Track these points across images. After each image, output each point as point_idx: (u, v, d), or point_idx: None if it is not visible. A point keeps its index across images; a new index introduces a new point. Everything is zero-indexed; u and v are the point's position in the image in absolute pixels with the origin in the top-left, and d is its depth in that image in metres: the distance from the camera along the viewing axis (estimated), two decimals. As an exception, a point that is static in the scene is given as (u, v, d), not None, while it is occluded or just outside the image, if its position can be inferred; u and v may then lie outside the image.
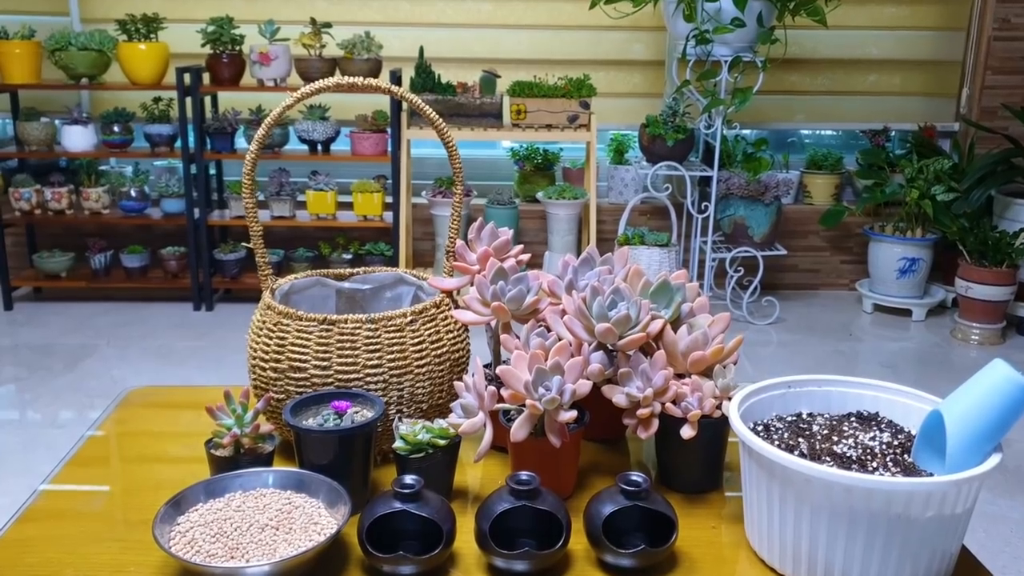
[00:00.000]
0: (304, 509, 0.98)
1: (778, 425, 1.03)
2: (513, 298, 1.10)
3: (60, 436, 2.56)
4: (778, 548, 0.94)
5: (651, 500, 0.95)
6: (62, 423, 2.68)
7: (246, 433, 1.03)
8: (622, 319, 1.06)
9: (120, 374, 3.07)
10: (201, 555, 0.89)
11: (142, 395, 1.40)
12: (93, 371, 3.10)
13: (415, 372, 1.12)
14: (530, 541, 0.98)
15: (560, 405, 1.00)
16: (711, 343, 1.10)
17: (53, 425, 2.68)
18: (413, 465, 1.04)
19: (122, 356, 3.25)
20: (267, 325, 1.14)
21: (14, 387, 2.98)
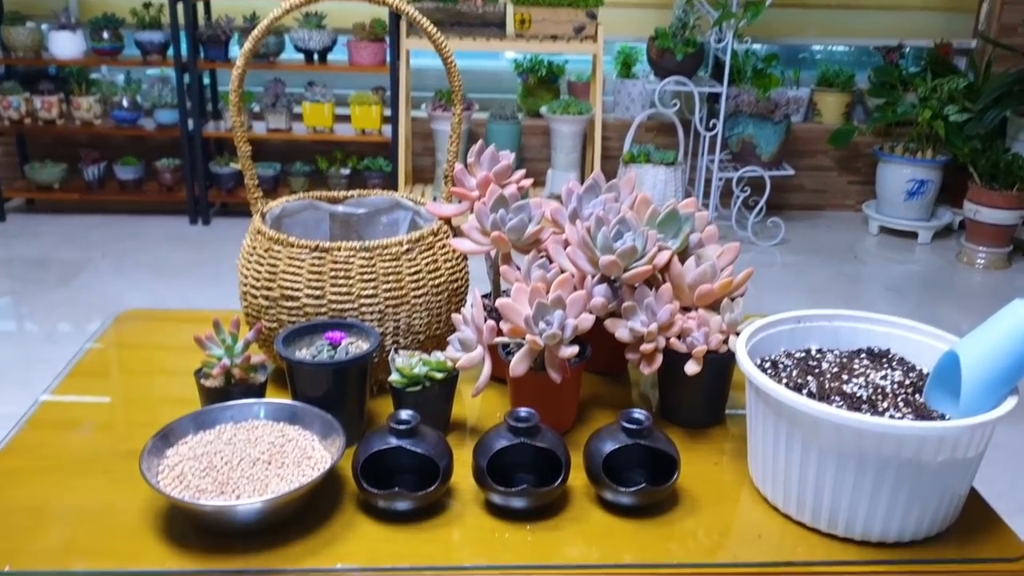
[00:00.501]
0: (297, 442, 0.95)
1: (786, 362, 1.00)
2: (514, 228, 1.05)
3: (55, 352, 2.54)
4: (782, 488, 0.92)
5: (653, 438, 0.92)
6: (57, 338, 2.66)
7: (236, 364, 1.00)
8: (627, 251, 1.01)
9: (115, 289, 3.04)
10: (191, 490, 0.87)
11: (133, 317, 1.37)
12: (88, 285, 3.07)
13: (412, 302, 1.09)
14: (528, 477, 0.95)
15: (561, 340, 0.97)
16: (719, 276, 1.06)
17: (48, 340, 2.66)
18: (410, 398, 1.01)
19: (117, 270, 3.21)
20: (257, 251, 1.10)
21: (9, 300, 2.95)
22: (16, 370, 2.46)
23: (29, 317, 2.84)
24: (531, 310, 0.97)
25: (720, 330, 1.04)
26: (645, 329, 1.01)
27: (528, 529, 0.89)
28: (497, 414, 1.10)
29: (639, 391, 1.18)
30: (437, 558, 0.85)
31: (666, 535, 0.89)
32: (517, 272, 1.04)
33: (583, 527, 0.90)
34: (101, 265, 3.26)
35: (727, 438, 1.07)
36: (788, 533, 0.91)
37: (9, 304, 2.93)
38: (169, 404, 1.10)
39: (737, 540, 0.89)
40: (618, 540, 0.88)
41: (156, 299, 2.97)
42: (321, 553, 0.85)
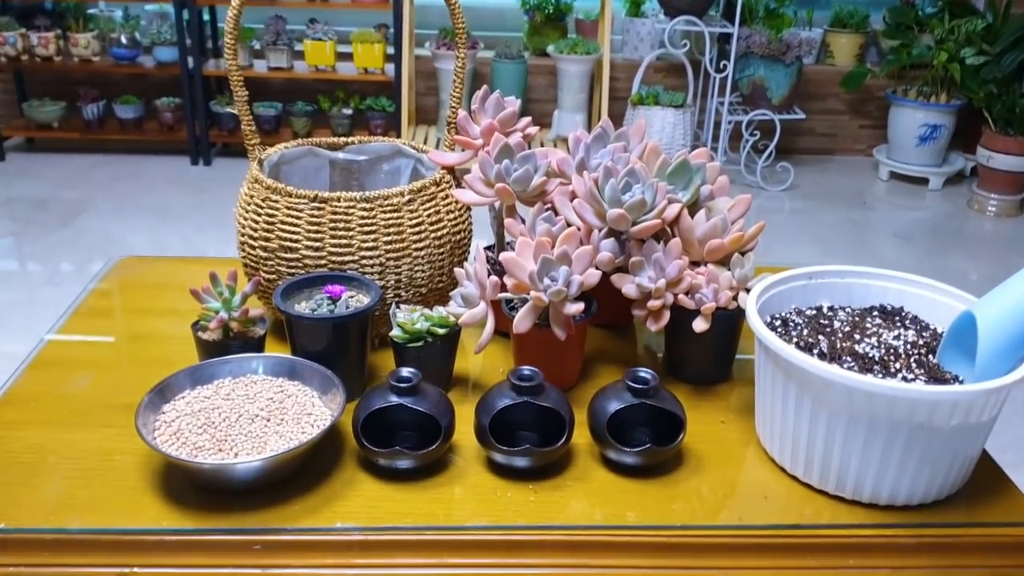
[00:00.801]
0: (297, 398, 0.93)
1: (797, 320, 0.97)
2: (518, 179, 1.02)
3: (57, 294, 2.53)
4: (790, 449, 0.90)
5: (659, 398, 0.90)
6: (59, 281, 2.64)
7: (234, 317, 0.98)
8: (636, 204, 0.98)
9: (117, 231, 3.02)
10: (188, 447, 0.85)
11: (131, 264, 1.34)
12: (89, 227, 3.04)
13: (413, 255, 1.06)
14: (532, 435, 0.94)
15: (566, 297, 0.94)
16: (730, 230, 1.03)
17: (50, 283, 2.65)
18: (411, 354, 0.99)
19: (118, 212, 3.18)
20: (255, 200, 1.07)
21: (10, 242, 2.93)
22: (18, 312, 2.45)
23: (30, 259, 2.83)
24: (536, 266, 0.94)
25: (730, 286, 1.01)
26: (653, 285, 0.99)
27: (531, 488, 0.88)
28: (500, 369, 1.08)
29: (645, 346, 1.16)
30: (438, 517, 0.84)
31: (670, 495, 0.88)
32: (521, 225, 1.01)
33: (586, 486, 0.89)
34: (102, 206, 3.23)
35: (734, 395, 1.05)
36: (795, 495, 0.89)
37: (10, 245, 2.91)
38: (167, 355, 1.08)
39: (743, 501, 0.88)
40: (622, 500, 0.87)
41: (158, 241, 2.94)
42: (320, 512, 0.84)
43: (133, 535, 0.81)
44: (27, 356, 1.08)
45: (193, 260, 1.40)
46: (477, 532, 0.83)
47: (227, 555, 0.82)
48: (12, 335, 2.32)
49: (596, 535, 0.83)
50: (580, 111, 3.74)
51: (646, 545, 0.83)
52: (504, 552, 0.83)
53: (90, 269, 2.73)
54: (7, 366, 1.04)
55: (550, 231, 0.98)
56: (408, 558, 0.82)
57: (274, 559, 0.82)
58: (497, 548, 0.83)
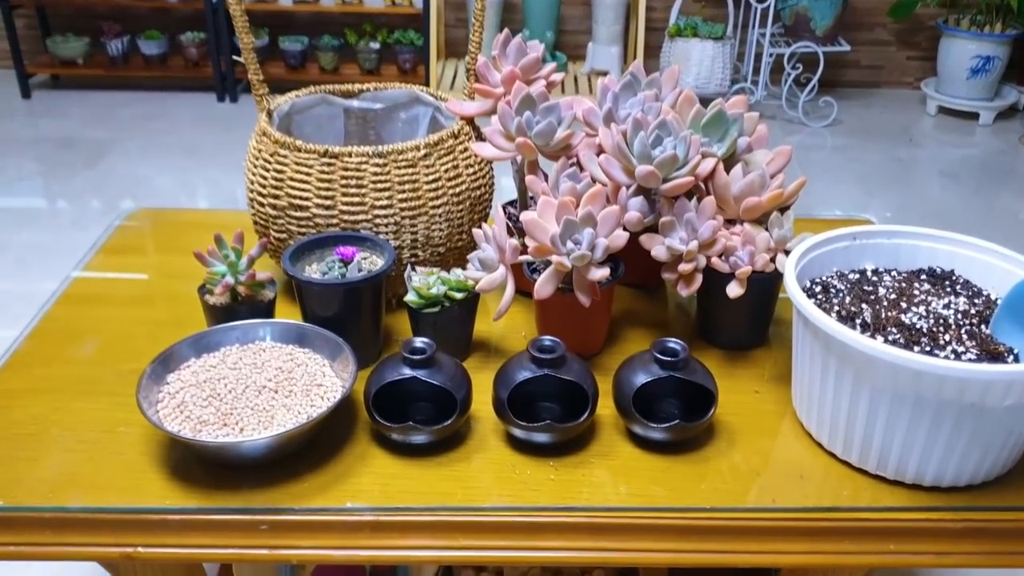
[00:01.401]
0: (307, 367, 0.89)
1: (839, 285, 0.90)
2: (541, 133, 0.95)
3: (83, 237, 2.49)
4: (828, 424, 0.84)
5: (688, 370, 0.85)
6: (85, 224, 2.62)
7: (241, 281, 0.93)
8: (667, 160, 0.91)
9: (143, 172, 2.98)
10: (192, 422, 0.81)
11: (142, 217, 1.30)
12: (115, 168, 3.01)
13: (430, 213, 1.00)
14: (553, 407, 0.89)
15: (591, 262, 0.88)
16: (769, 186, 0.96)
17: (75, 226, 2.62)
18: (427, 320, 0.94)
19: (145, 152, 3.14)
20: (263, 155, 1.01)
21: (36, 183, 2.91)
22: (43, 256, 2.43)
23: (56, 201, 2.80)
24: (558, 228, 0.88)
25: (767, 248, 0.94)
26: (684, 247, 0.92)
27: (551, 465, 0.83)
28: (523, 333, 1.03)
29: (675, 308, 1.10)
30: (454, 496, 0.80)
31: (700, 474, 0.83)
32: (544, 183, 0.95)
33: (610, 463, 0.84)
34: (128, 146, 3.19)
35: (769, 363, 0.99)
36: (832, 473, 0.84)
37: (37, 187, 2.89)
38: (177, 318, 1.04)
39: (777, 480, 0.83)
40: (648, 478, 0.82)
41: (185, 183, 2.90)
42: (331, 490, 0.80)
43: (136, 514, 0.78)
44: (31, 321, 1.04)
45: (206, 213, 1.35)
46: (494, 513, 0.79)
47: (233, 535, 0.78)
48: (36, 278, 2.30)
49: (620, 517, 0.79)
50: (615, 43, 3.61)
51: (673, 528, 0.79)
52: (523, 534, 0.79)
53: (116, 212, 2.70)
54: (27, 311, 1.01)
55: (574, 189, 0.92)
56: (421, 540, 0.79)
57: (282, 539, 0.78)
58: (515, 530, 0.78)
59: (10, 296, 2.24)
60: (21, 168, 3.01)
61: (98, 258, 1.18)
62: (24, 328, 1.03)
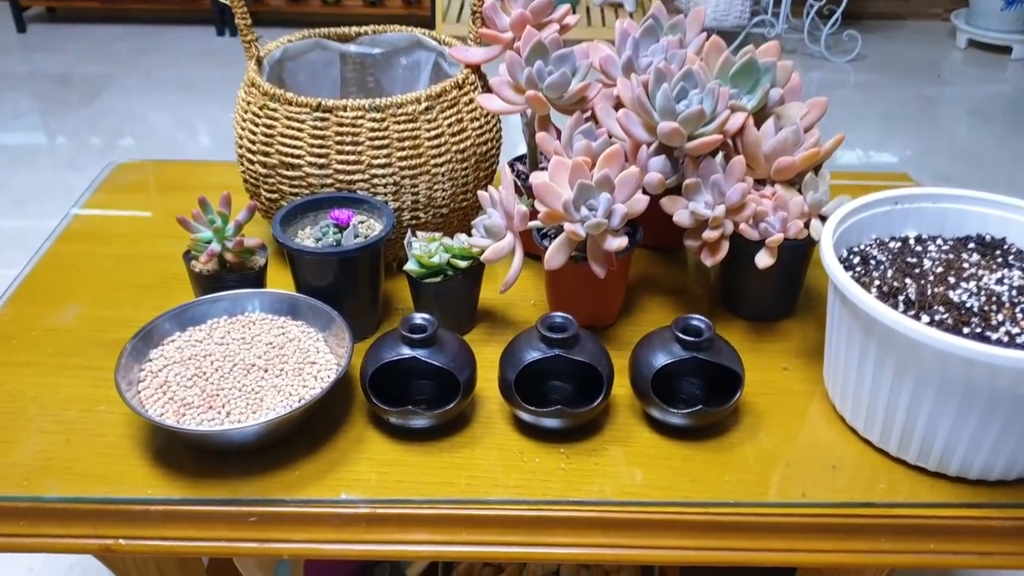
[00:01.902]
0: (299, 342, 0.82)
1: (879, 256, 0.83)
2: (553, 85, 0.86)
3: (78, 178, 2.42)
4: (865, 410, 0.78)
5: (714, 351, 0.78)
6: (80, 164, 2.54)
7: (228, 248, 0.86)
8: (693, 115, 0.83)
9: (140, 109, 2.89)
10: (175, 404, 0.75)
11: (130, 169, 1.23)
12: (112, 105, 2.92)
13: (432, 171, 0.92)
14: (564, 386, 0.82)
15: (607, 230, 0.81)
16: (803, 145, 0.87)
17: (71, 167, 2.54)
18: (428, 290, 0.87)
19: (142, 88, 3.04)
20: (252, 108, 0.93)
21: (32, 121, 2.82)
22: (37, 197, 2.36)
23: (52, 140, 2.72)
24: (572, 192, 0.80)
25: (801, 213, 0.86)
26: (710, 212, 0.84)
27: (562, 452, 0.77)
28: (531, 301, 0.96)
29: (695, 272, 1.03)
30: (456, 487, 0.74)
31: (723, 463, 0.77)
32: (556, 141, 0.86)
33: (626, 450, 0.78)
34: (126, 82, 3.09)
35: (798, 336, 0.92)
36: (867, 463, 0.77)
37: (32, 125, 2.81)
38: (162, 282, 0.98)
39: (807, 470, 0.76)
40: (666, 468, 0.76)
41: (183, 120, 2.81)
42: (324, 479, 0.74)
43: (116, 504, 0.73)
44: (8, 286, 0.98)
45: (198, 166, 1.27)
46: (500, 507, 0.73)
47: (220, 527, 0.73)
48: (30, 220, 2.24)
49: (637, 512, 0.72)
50: (630, -26, 3.46)
51: (694, 524, 0.72)
52: (530, 530, 0.73)
53: (113, 151, 2.62)
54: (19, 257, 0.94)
55: (590, 148, 0.84)
56: (421, 534, 0.73)
57: (272, 532, 0.73)
58: (522, 525, 0.73)
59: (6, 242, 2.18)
60: (16, 105, 2.92)
61: (82, 215, 1.11)
62: (2, 293, 0.96)
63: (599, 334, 0.90)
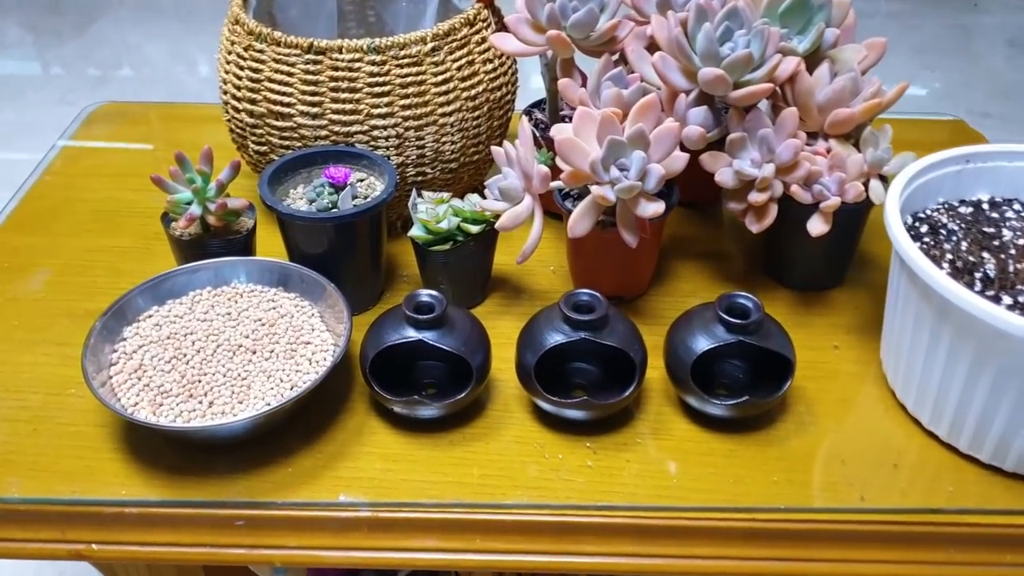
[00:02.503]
0: (292, 318, 0.73)
1: (949, 224, 0.72)
2: (578, 23, 0.75)
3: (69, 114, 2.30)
4: (931, 401, 0.68)
5: (762, 334, 0.68)
6: (72, 99, 2.42)
7: (210, 211, 0.76)
8: (739, 60, 0.72)
9: (135, 39, 2.75)
10: (151, 392, 0.67)
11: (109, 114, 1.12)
12: (105, 35, 2.78)
13: (439, 122, 0.82)
14: (591, 370, 0.73)
15: (641, 194, 0.70)
16: (862, 94, 0.76)
17: (62, 101, 2.43)
18: (436, 258, 0.77)
19: (137, 15, 2.90)
20: (236, 49, 0.83)
21: (21, 52, 2.70)
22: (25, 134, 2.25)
23: (42, 73, 2.60)
24: (600, 150, 0.70)
25: (860, 172, 0.76)
26: (758, 172, 0.74)
27: (588, 447, 0.68)
28: (551, 267, 0.86)
29: (731, 230, 0.93)
30: (468, 488, 0.66)
31: (769, 460, 0.68)
32: (582, 89, 0.76)
33: (660, 444, 0.69)
34: (120, 11, 2.94)
35: (850, 308, 0.82)
36: (931, 460, 0.68)
37: (21, 57, 2.68)
38: (141, 243, 0.88)
39: (865, 469, 0.67)
40: (706, 466, 0.67)
41: (179, 53, 2.68)
42: (320, 478, 0.66)
43: (87, 506, 0.65)
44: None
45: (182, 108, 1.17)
46: (518, 511, 0.64)
47: (204, 532, 0.65)
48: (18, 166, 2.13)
49: (673, 518, 0.64)
50: None
51: (739, 532, 0.64)
52: (553, 538, 0.64)
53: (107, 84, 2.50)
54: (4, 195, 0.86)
55: (620, 98, 0.73)
56: (428, 541, 0.65)
57: (261, 538, 0.65)
58: (544, 532, 0.64)
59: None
60: (4, 35, 2.79)
61: (57, 163, 1.01)
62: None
63: (627, 306, 0.81)
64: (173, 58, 2.65)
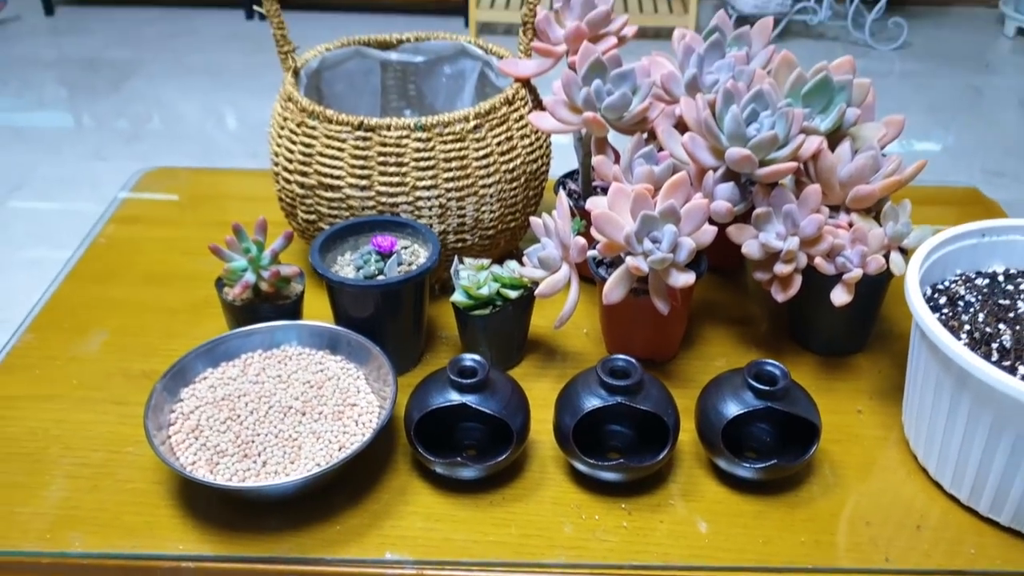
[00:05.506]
0: (338, 381, 0.77)
1: (967, 296, 0.76)
2: (613, 106, 0.80)
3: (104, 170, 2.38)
4: (952, 466, 0.71)
5: (789, 400, 0.71)
6: (106, 155, 2.50)
7: (263, 278, 0.80)
8: (765, 141, 0.76)
9: (168, 97, 2.84)
10: (208, 452, 0.70)
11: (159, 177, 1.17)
12: (140, 92, 2.87)
13: (480, 192, 0.86)
14: (626, 432, 0.77)
15: (672, 264, 0.74)
16: (882, 170, 0.80)
17: (97, 156, 2.50)
18: (476, 322, 0.81)
19: (170, 74, 3.00)
20: (289, 125, 0.88)
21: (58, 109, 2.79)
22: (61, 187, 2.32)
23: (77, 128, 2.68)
24: (634, 224, 0.74)
25: (881, 245, 0.79)
26: (783, 245, 0.78)
27: (623, 508, 0.71)
28: (584, 330, 0.90)
29: (757, 295, 0.96)
30: (509, 547, 0.69)
31: (798, 523, 0.71)
32: (615, 166, 0.80)
33: (692, 506, 0.72)
34: (153, 68, 3.04)
35: (872, 374, 0.85)
36: (954, 523, 0.71)
37: (58, 113, 2.77)
38: (192, 305, 0.93)
39: (889, 530, 0.70)
40: (737, 527, 0.70)
41: (210, 108, 2.77)
42: (368, 536, 0.69)
43: (145, 560, 0.68)
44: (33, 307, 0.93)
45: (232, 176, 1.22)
46: (557, 571, 0.67)
47: (256, 587, 0.68)
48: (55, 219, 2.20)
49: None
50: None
51: (767, 593, 0.67)
52: (590, 596, 0.67)
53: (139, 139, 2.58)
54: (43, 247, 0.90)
55: (652, 174, 0.77)
56: (472, 598, 0.68)
57: (312, 593, 0.68)
58: (581, 589, 0.67)
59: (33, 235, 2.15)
60: (43, 91, 2.89)
61: (108, 229, 1.06)
62: (26, 316, 0.92)
63: (658, 369, 0.84)
64: (204, 114, 2.74)
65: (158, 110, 2.76)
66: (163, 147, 2.54)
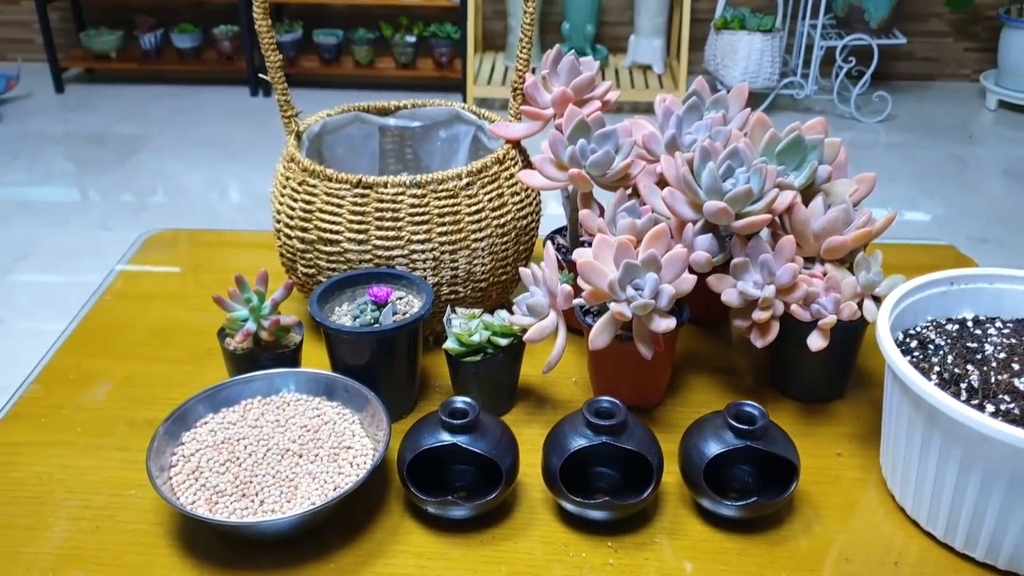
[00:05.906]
0: (334, 425, 0.80)
1: (936, 340, 0.79)
2: (596, 163, 0.84)
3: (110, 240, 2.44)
4: (927, 504, 0.74)
5: (768, 439, 0.74)
6: (112, 225, 2.56)
7: (264, 327, 0.84)
8: (740, 195, 0.80)
9: (174, 170, 2.92)
10: (207, 492, 0.73)
11: (162, 241, 1.22)
12: (146, 165, 2.95)
13: (472, 247, 0.90)
14: (611, 474, 0.79)
15: (654, 311, 0.78)
16: (854, 223, 0.85)
17: (103, 227, 2.56)
18: (468, 369, 0.84)
19: (176, 148, 3.08)
20: (291, 184, 0.92)
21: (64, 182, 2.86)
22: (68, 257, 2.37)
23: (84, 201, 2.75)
24: (617, 272, 0.78)
25: (854, 294, 0.83)
26: (760, 293, 0.82)
27: (609, 546, 0.74)
28: (572, 378, 0.93)
29: (740, 346, 0.99)
30: (498, 583, 0.71)
31: (778, 559, 0.73)
32: (600, 218, 0.85)
33: (677, 543, 0.74)
34: (159, 142, 3.13)
35: (851, 418, 0.88)
36: (931, 559, 0.73)
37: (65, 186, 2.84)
38: (194, 356, 0.96)
39: (870, 569, 0.72)
40: (720, 565, 0.72)
41: (215, 180, 2.84)
42: (361, 575, 0.71)
43: (144, 597, 0.70)
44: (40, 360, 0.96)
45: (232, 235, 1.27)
46: (545, 605, 0.69)
47: (252, 624, 0.70)
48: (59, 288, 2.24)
49: (688, 612, 0.69)
50: (658, 35, 3.48)
51: (750, 627, 0.69)
52: (577, 631, 0.69)
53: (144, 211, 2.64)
54: (49, 316, 0.93)
55: (634, 226, 0.82)
56: (462, 633, 0.69)
57: (306, 630, 0.70)
58: (569, 625, 0.69)
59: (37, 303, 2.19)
60: (51, 165, 2.96)
61: (115, 288, 1.10)
62: (33, 368, 0.95)
63: (645, 415, 0.87)
64: (208, 185, 2.81)
65: (163, 183, 2.83)
66: (167, 217, 2.60)
